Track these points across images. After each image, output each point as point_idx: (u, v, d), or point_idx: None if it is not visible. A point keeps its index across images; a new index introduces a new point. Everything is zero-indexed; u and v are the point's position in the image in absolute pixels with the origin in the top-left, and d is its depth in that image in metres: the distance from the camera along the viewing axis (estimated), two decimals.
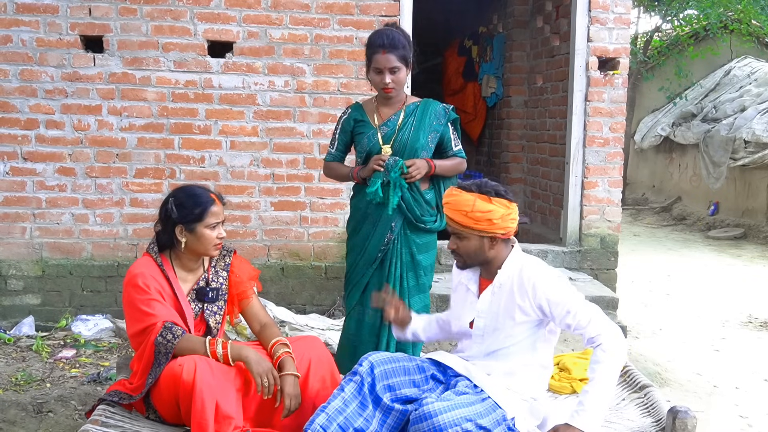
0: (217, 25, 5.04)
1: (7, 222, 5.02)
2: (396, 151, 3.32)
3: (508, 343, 2.64)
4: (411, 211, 3.34)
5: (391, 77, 3.26)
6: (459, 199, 2.59)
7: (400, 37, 3.29)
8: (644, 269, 7.99)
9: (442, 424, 2.31)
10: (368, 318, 3.40)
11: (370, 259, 3.39)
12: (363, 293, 3.42)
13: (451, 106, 3.49)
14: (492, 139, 7.91)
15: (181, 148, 5.11)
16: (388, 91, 3.30)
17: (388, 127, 3.36)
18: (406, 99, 3.43)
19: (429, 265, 3.47)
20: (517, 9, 7.07)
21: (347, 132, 3.47)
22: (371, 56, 3.29)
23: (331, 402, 2.49)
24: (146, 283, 2.68)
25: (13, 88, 4.94)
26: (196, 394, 2.46)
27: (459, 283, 2.82)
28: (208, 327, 2.86)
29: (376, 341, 3.38)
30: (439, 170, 3.38)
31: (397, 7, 5.14)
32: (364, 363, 2.56)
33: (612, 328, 2.51)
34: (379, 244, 3.36)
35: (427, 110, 3.39)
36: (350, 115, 3.46)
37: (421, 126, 3.35)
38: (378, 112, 3.40)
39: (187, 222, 2.74)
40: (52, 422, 3.51)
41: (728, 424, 3.92)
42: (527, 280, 2.59)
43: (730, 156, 10.47)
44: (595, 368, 2.46)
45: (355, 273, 3.45)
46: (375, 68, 3.28)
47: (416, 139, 3.32)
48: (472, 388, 2.56)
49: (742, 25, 12.12)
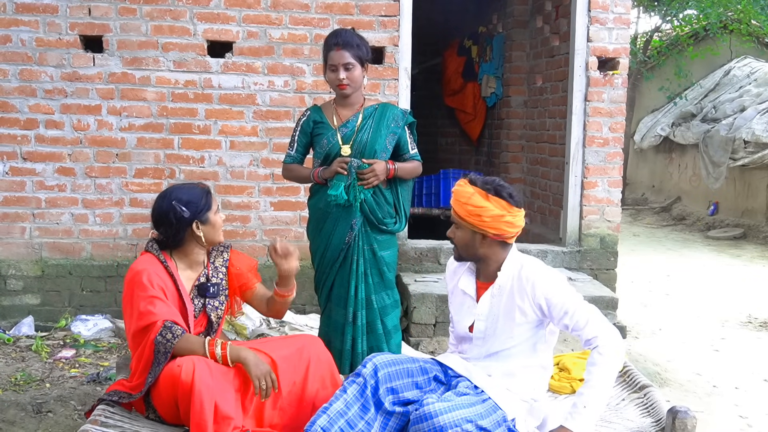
0: (216, 25, 5.04)
1: (6, 222, 5.02)
2: (355, 153, 3.37)
3: (508, 345, 2.63)
4: (372, 213, 3.41)
5: (345, 74, 3.31)
6: (461, 189, 2.63)
7: (354, 36, 3.37)
8: (644, 269, 7.99)
9: (443, 425, 2.31)
10: (334, 315, 3.48)
11: (333, 257, 3.45)
12: (330, 291, 3.49)
13: (410, 111, 3.56)
14: (492, 139, 7.91)
15: (180, 148, 5.11)
16: (342, 88, 3.34)
17: (347, 128, 3.40)
18: (364, 101, 3.47)
19: (392, 262, 3.53)
20: (516, 9, 7.07)
21: (306, 133, 3.50)
22: (326, 54, 3.37)
23: (333, 403, 2.49)
24: (150, 279, 2.69)
25: (12, 88, 4.93)
26: (194, 394, 2.46)
27: (455, 287, 2.81)
28: (210, 322, 2.88)
29: (342, 337, 3.45)
30: (399, 173, 3.44)
31: (396, 7, 5.14)
32: (368, 365, 2.56)
33: (610, 330, 2.50)
34: (340, 242, 3.42)
35: (385, 113, 3.44)
36: (309, 117, 3.50)
37: (379, 128, 3.40)
38: (337, 114, 3.44)
39: (200, 214, 2.79)
40: (52, 422, 3.51)
41: (728, 424, 3.92)
42: (526, 280, 2.59)
43: (730, 156, 10.47)
44: (591, 370, 2.46)
45: (320, 273, 3.53)
46: (330, 65, 3.34)
47: (375, 141, 3.37)
48: (473, 389, 2.56)
49: (742, 25, 12.12)
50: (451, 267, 2.86)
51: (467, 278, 2.76)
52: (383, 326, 3.47)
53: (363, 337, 3.44)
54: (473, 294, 2.73)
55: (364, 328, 3.45)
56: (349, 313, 3.42)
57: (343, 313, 3.44)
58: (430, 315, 4.75)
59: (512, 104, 7.18)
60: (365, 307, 3.44)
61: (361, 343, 3.44)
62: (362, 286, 3.43)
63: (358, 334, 3.43)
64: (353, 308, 3.43)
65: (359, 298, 3.43)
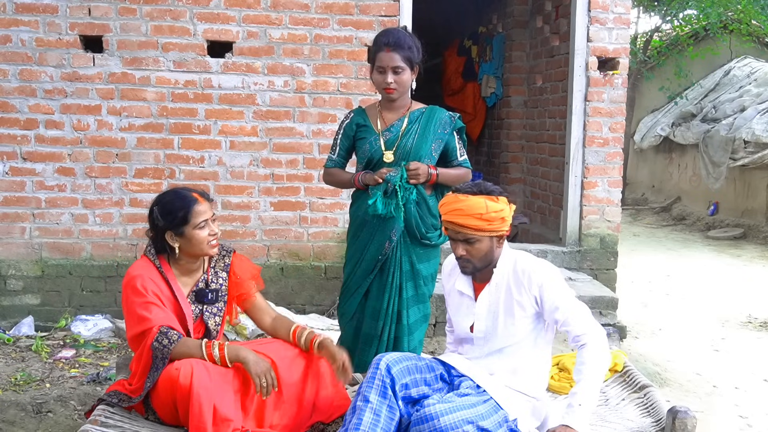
0: (216, 25, 5.04)
1: (6, 222, 5.02)
2: (399, 158, 3.20)
3: (509, 342, 2.64)
4: (417, 228, 3.23)
5: (393, 77, 3.14)
6: (469, 203, 2.55)
7: (406, 37, 3.19)
8: (644, 269, 7.99)
9: (444, 426, 2.32)
10: (365, 327, 3.32)
11: (368, 268, 3.27)
12: (362, 302, 3.33)
13: (458, 115, 3.36)
14: (491, 139, 7.91)
15: (180, 148, 5.11)
16: (389, 92, 3.18)
17: (391, 132, 3.24)
18: (410, 105, 3.31)
19: (429, 275, 3.35)
20: (516, 9, 7.07)
21: (349, 137, 3.33)
22: (375, 54, 3.19)
23: (362, 418, 2.46)
24: (144, 285, 2.67)
25: (12, 88, 4.93)
26: (193, 397, 2.46)
27: (452, 288, 2.81)
28: (207, 329, 2.85)
29: (371, 350, 3.30)
30: (442, 179, 3.25)
31: (396, 7, 5.14)
32: (381, 364, 2.55)
33: (598, 329, 2.54)
34: (377, 253, 3.25)
35: (433, 117, 3.26)
36: (352, 120, 3.34)
37: (425, 133, 3.22)
38: (381, 117, 3.28)
39: (175, 226, 2.70)
40: (52, 422, 3.51)
41: (728, 424, 3.92)
42: (522, 272, 2.61)
43: (730, 156, 10.46)
44: (582, 369, 2.49)
45: (353, 281, 3.34)
46: (378, 67, 3.17)
47: (420, 147, 3.20)
48: (475, 389, 2.56)
49: (742, 25, 12.12)
50: (447, 268, 2.85)
51: (463, 279, 2.75)
52: (409, 343, 3.30)
53: (387, 351, 3.25)
54: (471, 294, 2.73)
55: (391, 343, 3.28)
56: (379, 326, 3.26)
57: (375, 325, 3.27)
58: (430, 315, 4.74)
59: (512, 104, 7.19)
60: (395, 321, 3.27)
61: None
62: (395, 300, 3.25)
63: (383, 349, 3.26)
64: (383, 322, 3.26)
65: (390, 312, 3.26)
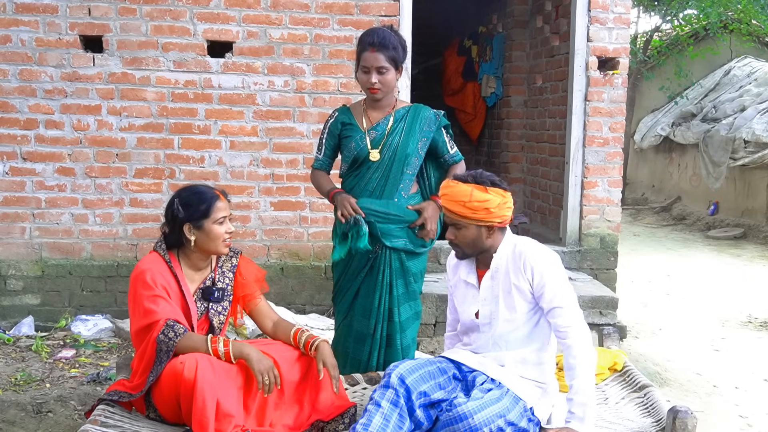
0: (216, 25, 5.04)
1: (6, 222, 5.02)
2: (385, 157, 3.23)
3: (512, 327, 2.68)
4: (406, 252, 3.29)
5: (378, 77, 3.15)
6: (456, 189, 2.62)
7: (392, 37, 3.18)
8: (644, 269, 7.99)
9: (477, 424, 2.37)
10: (357, 326, 3.34)
11: (358, 267, 3.30)
12: (353, 301, 3.35)
13: (442, 112, 3.38)
14: (492, 139, 7.91)
15: (180, 148, 5.11)
16: (373, 92, 3.19)
17: (377, 131, 3.26)
18: (395, 103, 3.32)
19: (419, 272, 3.39)
20: (516, 9, 7.07)
21: (334, 135, 3.35)
22: (360, 54, 3.20)
23: (372, 419, 2.49)
24: (153, 278, 2.70)
25: (12, 88, 4.93)
26: (197, 391, 2.46)
27: (458, 280, 2.85)
28: (212, 326, 2.88)
29: (363, 348, 3.33)
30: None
31: (396, 7, 5.14)
32: (393, 375, 2.57)
33: (582, 324, 2.57)
34: (366, 252, 3.26)
35: (418, 116, 3.29)
36: (337, 118, 3.35)
37: (411, 132, 3.25)
38: (367, 116, 3.30)
39: (195, 219, 2.76)
40: (52, 422, 3.51)
41: (728, 424, 3.92)
42: (519, 255, 2.64)
43: (730, 156, 10.46)
44: (574, 374, 2.52)
45: (344, 281, 3.37)
46: (362, 67, 3.18)
47: (406, 145, 3.24)
48: (491, 382, 2.60)
49: (742, 24, 12.12)
50: (452, 262, 2.89)
51: (468, 269, 2.80)
52: (401, 341, 3.33)
53: (381, 350, 3.31)
54: (475, 282, 2.77)
55: (384, 341, 3.31)
56: (371, 324, 3.29)
57: (366, 323, 3.30)
58: (430, 315, 4.75)
59: (512, 104, 7.18)
60: (387, 319, 3.30)
61: (378, 356, 3.31)
62: (386, 298, 3.29)
63: (376, 347, 3.29)
64: (375, 320, 3.29)
65: (382, 310, 3.29)
